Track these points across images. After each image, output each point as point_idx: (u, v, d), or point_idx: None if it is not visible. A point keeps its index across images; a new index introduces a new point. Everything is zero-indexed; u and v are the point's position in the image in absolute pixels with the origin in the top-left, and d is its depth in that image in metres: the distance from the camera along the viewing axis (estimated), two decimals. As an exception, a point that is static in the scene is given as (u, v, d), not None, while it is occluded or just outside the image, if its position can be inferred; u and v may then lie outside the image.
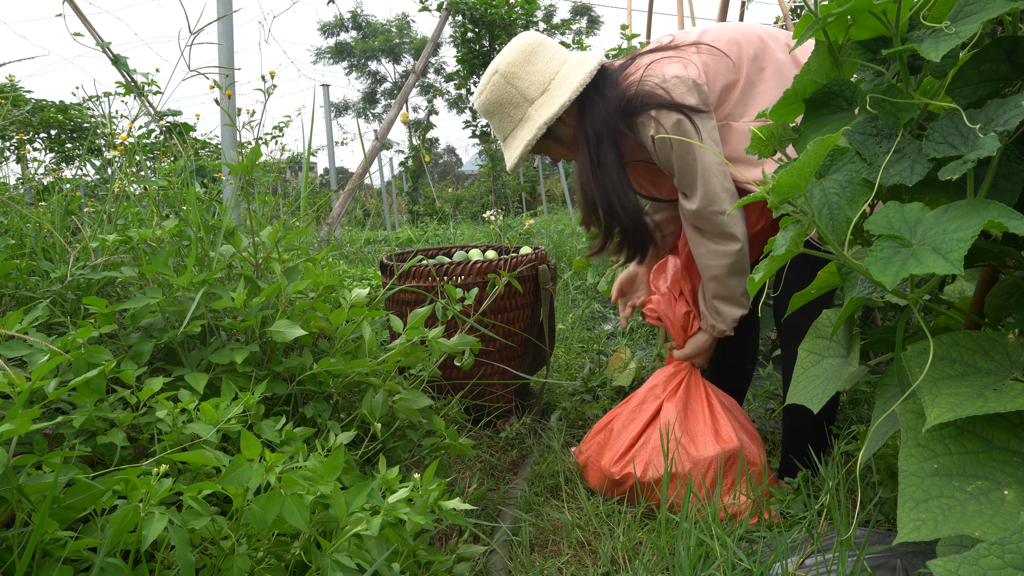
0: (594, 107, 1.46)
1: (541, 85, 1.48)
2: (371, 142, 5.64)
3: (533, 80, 1.48)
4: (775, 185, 0.77)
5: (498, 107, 1.51)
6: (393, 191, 11.32)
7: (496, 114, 1.53)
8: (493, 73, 1.50)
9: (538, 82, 1.48)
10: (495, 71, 1.50)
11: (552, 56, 1.50)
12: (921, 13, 0.79)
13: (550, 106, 1.45)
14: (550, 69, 1.48)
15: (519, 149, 1.49)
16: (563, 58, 1.51)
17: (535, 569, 1.30)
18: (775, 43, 1.50)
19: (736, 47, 1.47)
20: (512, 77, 1.48)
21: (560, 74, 1.48)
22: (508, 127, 1.53)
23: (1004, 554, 0.56)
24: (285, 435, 1.09)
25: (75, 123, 4.84)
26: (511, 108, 1.50)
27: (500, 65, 1.50)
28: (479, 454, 1.83)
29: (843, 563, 1.04)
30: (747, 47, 1.47)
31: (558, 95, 1.45)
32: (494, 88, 1.50)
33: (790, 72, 1.47)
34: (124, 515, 0.78)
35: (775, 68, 1.47)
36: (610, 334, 3.36)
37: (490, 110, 1.53)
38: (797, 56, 1.50)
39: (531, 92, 1.48)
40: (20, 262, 1.28)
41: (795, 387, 1.06)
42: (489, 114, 1.55)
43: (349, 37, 17.96)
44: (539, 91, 1.48)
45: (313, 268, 1.43)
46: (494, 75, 1.50)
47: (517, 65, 1.48)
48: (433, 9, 6.80)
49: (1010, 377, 0.75)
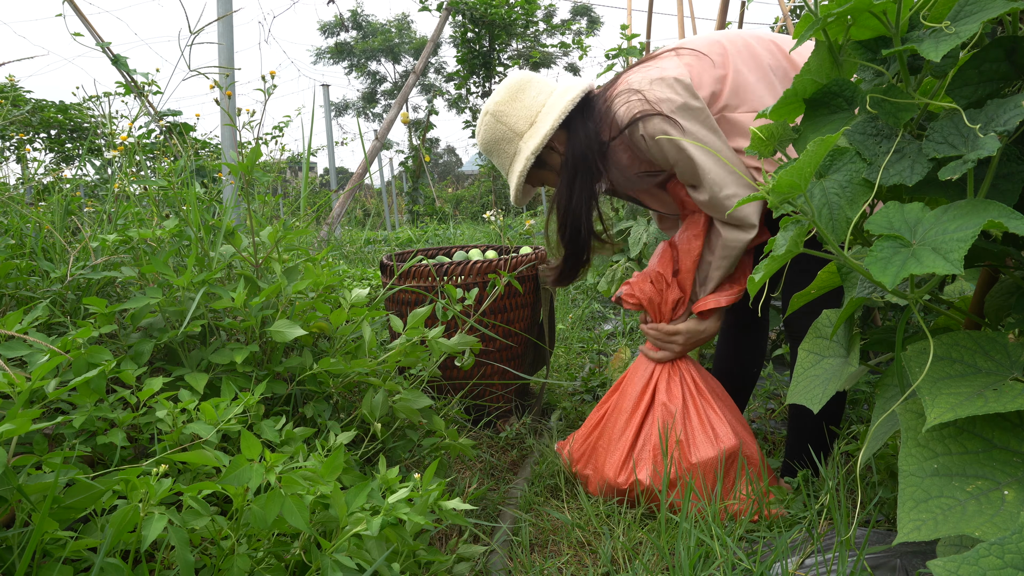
0: (576, 135, 1.53)
1: (529, 119, 1.55)
2: (371, 142, 5.64)
3: (521, 116, 1.55)
4: (775, 185, 0.77)
5: (493, 144, 1.60)
6: (393, 191, 11.32)
7: (493, 152, 1.61)
8: (485, 114, 1.59)
9: (525, 116, 1.55)
10: (486, 112, 1.59)
11: (539, 91, 1.57)
12: (921, 13, 0.79)
13: (535, 136, 1.52)
14: (537, 103, 1.56)
15: (515, 182, 1.57)
16: (550, 91, 1.58)
17: (535, 569, 1.30)
18: (759, 43, 1.52)
19: (717, 45, 1.50)
20: (501, 115, 1.56)
21: (547, 106, 1.55)
22: (506, 163, 1.61)
23: (1004, 554, 0.56)
24: (285, 435, 1.09)
25: (75, 123, 4.84)
26: (504, 144, 1.58)
27: (490, 106, 1.58)
28: (479, 454, 1.83)
29: (843, 563, 1.04)
30: (729, 43, 1.50)
31: (543, 125, 1.52)
32: (487, 128, 1.59)
33: (779, 73, 1.49)
34: (124, 515, 0.78)
35: (761, 68, 1.48)
36: (610, 334, 3.36)
37: (488, 148, 1.62)
38: (793, 57, 1.51)
39: (520, 127, 1.55)
40: (20, 262, 1.28)
41: (795, 387, 1.06)
42: (489, 152, 1.63)
43: (349, 37, 17.96)
44: (527, 125, 1.55)
45: (313, 268, 1.43)
46: (486, 116, 1.59)
47: (505, 103, 1.56)
48: (433, 9, 6.80)
49: (1010, 377, 0.75)
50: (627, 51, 3.58)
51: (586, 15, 15.28)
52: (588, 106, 1.54)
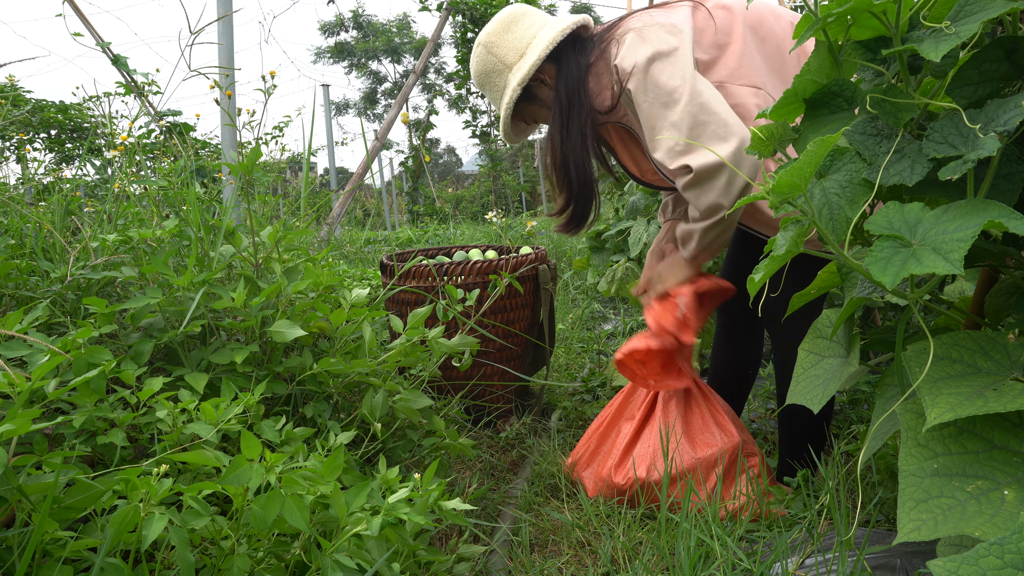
0: (570, 67, 1.48)
1: (519, 51, 1.51)
2: (371, 142, 5.64)
3: (511, 47, 1.51)
4: (775, 185, 0.77)
5: (484, 76, 1.56)
6: (393, 191, 11.32)
7: (485, 84, 1.58)
8: (477, 45, 1.55)
9: (516, 48, 1.51)
10: (479, 43, 1.55)
11: (532, 23, 1.53)
12: (921, 13, 0.79)
13: (522, 68, 1.48)
14: (528, 34, 1.52)
15: (503, 114, 1.54)
16: (543, 23, 1.54)
17: (535, 569, 1.30)
18: (777, 22, 1.47)
19: (727, 12, 1.45)
20: (492, 46, 1.53)
21: (537, 36, 1.51)
22: (496, 96, 1.57)
23: (1004, 554, 0.56)
24: (285, 435, 1.09)
25: (75, 123, 4.84)
26: (495, 76, 1.54)
27: (482, 37, 1.55)
28: (479, 454, 1.83)
29: (843, 563, 1.04)
30: (741, 13, 1.45)
31: (530, 56, 1.48)
32: (478, 59, 1.55)
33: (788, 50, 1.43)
34: (124, 515, 0.78)
35: (775, 44, 1.44)
36: (610, 334, 3.36)
37: (479, 81, 1.58)
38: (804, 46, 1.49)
39: (509, 58, 1.52)
40: (20, 262, 1.28)
41: (795, 387, 1.06)
42: (480, 85, 1.59)
43: (350, 37, 17.95)
44: (517, 56, 1.51)
45: (313, 268, 1.43)
46: (478, 47, 1.55)
47: (496, 35, 1.53)
48: (433, 9, 6.80)
49: (1010, 377, 0.75)
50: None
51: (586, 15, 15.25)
52: (581, 41, 1.50)
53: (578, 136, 1.49)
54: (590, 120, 1.49)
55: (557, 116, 1.50)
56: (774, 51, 1.45)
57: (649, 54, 1.37)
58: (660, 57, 1.37)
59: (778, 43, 1.46)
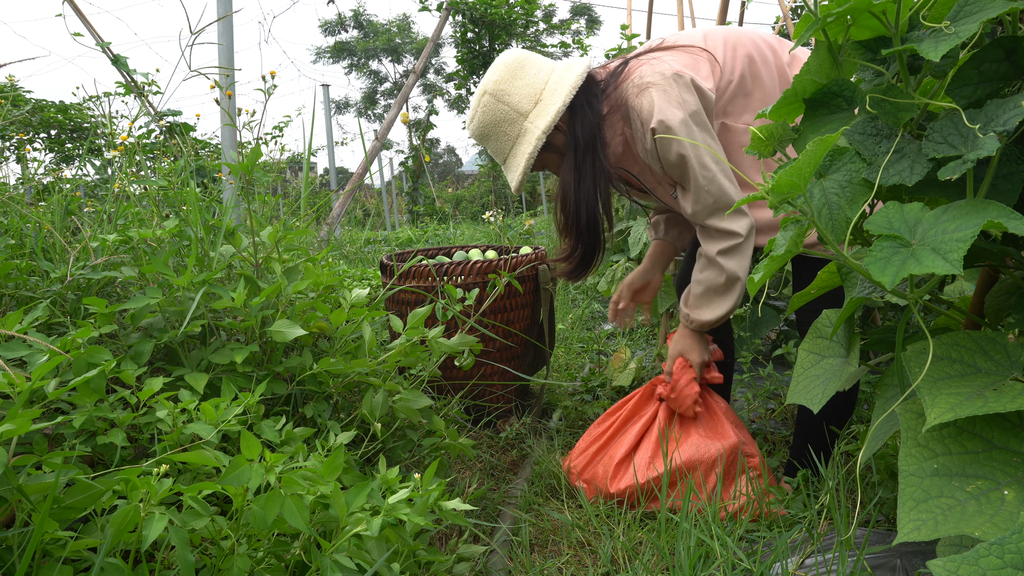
0: (585, 115, 1.45)
1: (533, 97, 1.45)
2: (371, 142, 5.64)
3: (524, 93, 1.45)
4: (775, 185, 0.77)
5: (492, 127, 1.48)
6: (393, 191, 11.32)
7: (491, 136, 1.50)
8: (482, 95, 1.47)
9: (529, 95, 1.45)
10: (484, 92, 1.47)
11: (539, 68, 1.48)
12: (921, 13, 0.79)
13: (546, 115, 1.42)
14: (539, 80, 1.46)
15: (522, 165, 1.46)
16: (550, 68, 1.49)
17: (535, 569, 1.30)
18: (772, 53, 1.51)
19: (729, 49, 1.48)
20: (502, 94, 1.46)
21: (550, 82, 1.46)
22: (506, 146, 1.49)
23: (1004, 554, 0.56)
24: (285, 435, 1.09)
25: (75, 123, 4.84)
26: (506, 126, 1.47)
27: (488, 85, 1.47)
28: (479, 454, 1.83)
29: (843, 563, 1.04)
30: (740, 48, 1.48)
31: (552, 103, 1.43)
32: (486, 109, 1.47)
33: (782, 81, 1.48)
34: (124, 515, 0.78)
35: (771, 75, 1.47)
36: (610, 334, 3.36)
37: (485, 132, 1.50)
38: (799, 56, 1.51)
39: (524, 105, 1.45)
40: (20, 262, 1.28)
41: (795, 387, 1.06)
42: (484, 137, 1.52)
43: (350, 37, 17.96)
44: (532, 103, 1.45)
45: (313, 268, 1.43)
46: (483, 96, 1.47)
47: (505, 82, 1.46)
48: (433, 9, 6.80)
49: (1010, 377, 0.75)
50: (627, 51, 3.58)
51: (586, 15, 15.27)
52: (591, 87, 1.48)
53: (591, 184, 1.47)
54: (603, 168, 1.47)
55: (571, 164, 1.46)
56: (771, 78, 1.48)
57: (681, 117, 1.38)
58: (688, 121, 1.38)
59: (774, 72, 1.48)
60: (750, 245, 1.45)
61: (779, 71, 1.50)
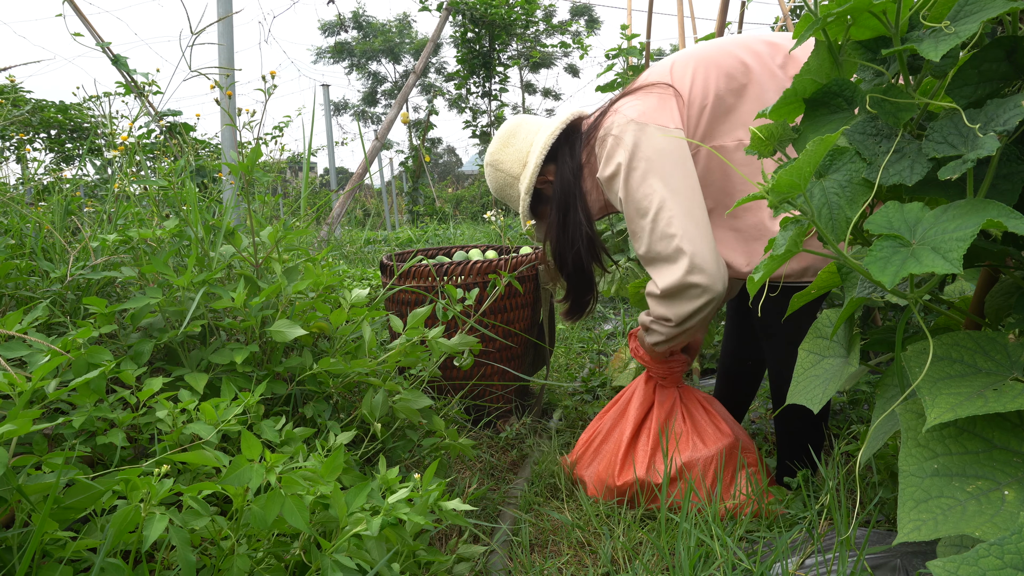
0: (564, 168, 1.57)
1: (520, 161, 1.62)
2: (371, 142, 5.64)
3: (514, 160, 1.63)
4: (775, 185, 0.77)
5: (499, 191, 1.69)
6: (393, 191, 11.32)
7: (502, 196, 1.70)
8: (486, 165, 1.68)
9: (518, 160, 1.62)
10: (486, 163, 1.68)
11: (528, 131, 1.63)
12: (921, 13, 0.79)
13: (525, 178, 1.60)
14: (526, 144, 1.62)
15: (523, 218, 1.66)
16: (537, 128, 1.63)
17: (535, 569, 1.30)
18: (757, 59, 1.44)
19: (700, 73, 1.45)
20: (498, 164, 1.65)
21: (534, 144, 1.61)
22: (514, 204, 1.68)
23: (1004, 554, 0.56)
24: (285, 435, 1.09)
25: (75, 123, 4.84)
26: (508, 189, 1.66)
27: (488, 157, 1.67)
28: (479, 454, 1.83)
29: (843, 563, 1.04)
30: (714, 68, 1.44)
31: (530, 164, 1.59)
32: (490, 178, 1.68)
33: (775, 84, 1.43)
34: (124, 515, 0.78)
35: (762, 79, 1.43)
36: (610, 334, 3.36)
37: (498, 195, 1.71)
38: (797, 57, 1.49)
39: (515, 170, 1.63)
40: (20, 262, 1.28)
41: (795, 387, 1.06)
42: (501, 198, 1.72)
43: (350, 37, 17.95)
44: (520, 166, 1.62)
45: (313, 268, 1.43)
46: (487, 167, 1.68)
47: (498, 152, 1.65)
48: (433, 9, 6.80)
49: (1010, 377, 0.75)
50: (627, 51, 3.58)
51: (586, 15, 15.27)
52: (574, 137, 1.57)
53: (576, 232, 1.58)
54: (579, 219, 1.57)
55: (554, 215, 1.60)
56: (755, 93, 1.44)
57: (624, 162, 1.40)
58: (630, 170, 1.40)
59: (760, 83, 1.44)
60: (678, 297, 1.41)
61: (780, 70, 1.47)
